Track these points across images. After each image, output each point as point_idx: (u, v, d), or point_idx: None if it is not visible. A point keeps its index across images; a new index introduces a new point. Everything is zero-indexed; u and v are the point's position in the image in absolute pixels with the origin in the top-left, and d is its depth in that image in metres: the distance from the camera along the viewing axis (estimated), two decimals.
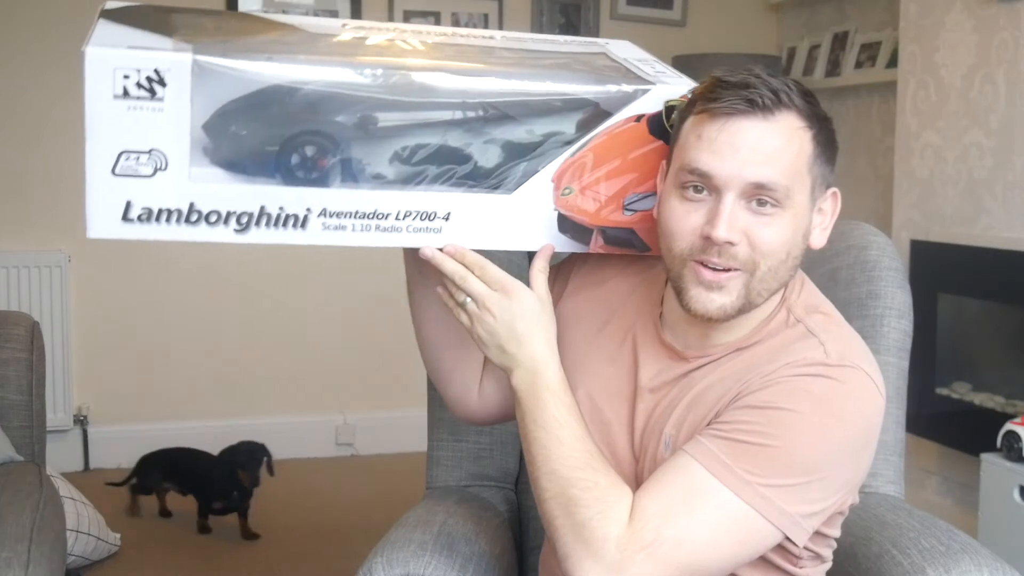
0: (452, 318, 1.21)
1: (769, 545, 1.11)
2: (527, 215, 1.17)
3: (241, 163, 1.04)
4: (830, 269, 1.60)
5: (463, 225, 1.15)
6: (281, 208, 1.07)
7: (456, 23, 4.04)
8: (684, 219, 1.11)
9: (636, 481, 1.18)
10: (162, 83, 0.99)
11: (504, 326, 1.16)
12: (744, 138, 1.08)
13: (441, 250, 1.16)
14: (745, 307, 1.12)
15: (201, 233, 1.05)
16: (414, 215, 1.12)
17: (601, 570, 1.05)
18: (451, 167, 1.11)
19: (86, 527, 2.75)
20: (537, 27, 4.13)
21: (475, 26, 4.05)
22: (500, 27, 4.06)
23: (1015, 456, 2.44)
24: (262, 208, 1.06)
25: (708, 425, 1.12)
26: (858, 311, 1.55)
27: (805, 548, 1.17)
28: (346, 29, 1.19)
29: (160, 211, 1.04)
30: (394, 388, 3.85)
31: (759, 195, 1.08)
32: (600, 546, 1.06)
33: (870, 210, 3.64)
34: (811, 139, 1.11)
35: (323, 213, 1.08)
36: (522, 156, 1.14)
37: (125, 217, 1.03)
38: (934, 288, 3.05)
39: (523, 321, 1.16)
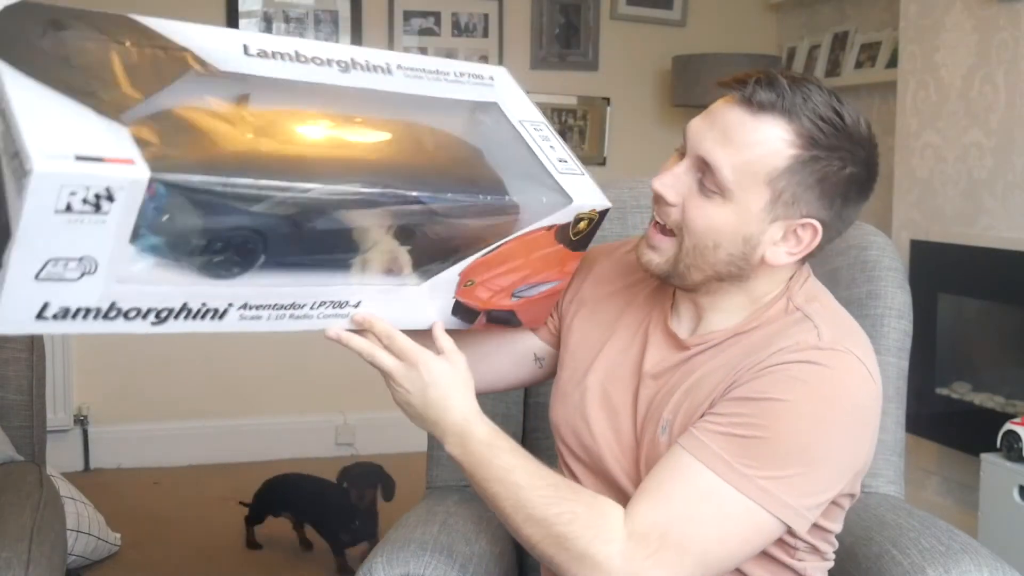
0: None
1: (773, 537, 1.12)
2: (429, 302, 1.20)
3: (170, 258, 0.99)
4: (830, 269, 1.60)
5: (370, 310, 1.16)
6: (203, 304, 1.04)
7: (456, 23, 4.04)
8: (659, 172, 1.17)
9: (638, 465, 1.19)
10: (110, 199, 0.91)
11: (418, 397, 1.15)
12: (725, 119, 1.10)
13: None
14: (673, 275, 1.16)
15: (116, 326, 1.01)
16: (327, 304, 1.12)
17: None
18: (377, 259, 1.12)
19: (86, 527, 2.75)
20: (537, 27, 4.13)
21: (475, 26, 4.05)
22: (500, 27, 4.06)
23: (1015, 456, 2.44)
24: (184, 304, 1.03)
25: (703, 416, 1.12)
26: (858, 311, 1.55)
27: (804, 541, 1.17)
28: (249, 59, 1.12)
29: (78, 310, 0.98)
30: None
31: (706, 173, 1.11)
32: (607, 565, 1.06)
33: (870, 210, 3.62)
34: (790, 156, 1.09)
35: (243, 307, 1.07)
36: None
37: (40, 316, 0.96)
38: (934, 288, 3.05)
39: (435, 388, 1.14)
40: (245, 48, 1.11)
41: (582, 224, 1.22)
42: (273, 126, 1.08)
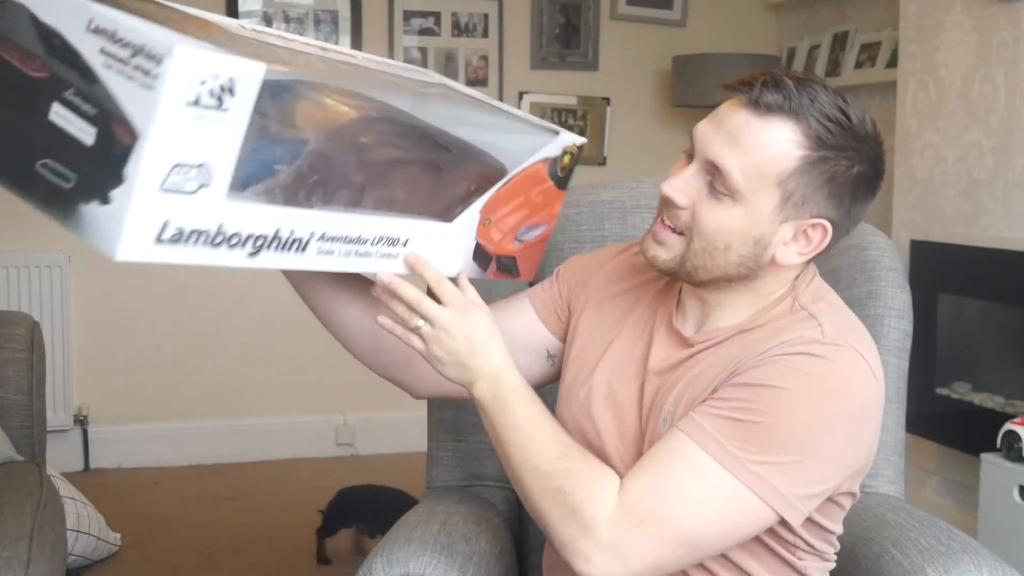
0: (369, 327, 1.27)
1: (764, 525, 1.12)
2: (458, 242, 1.23)
3: (265, 183, 1.00)
4: (830, 269, 1.60)
5: (415, 250, 1.19)
6: (292, 232, 1.05)
7: (456, 23, 4.04)
8: (668, 177, 1.17)
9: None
10: (231, 92, 0.91)
11: (464, 343, 1.17)
12: (731, 118, 1.11)
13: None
14: (680, 272, 1.17)
15: (219, 256, 1.01)
16: (384, 241, 1.14)
17: (597, 551, 1.07)
18: (411, 196, 1.15)
19: (86, 527, 2.75)
20: (537, 27, 4.13)
21: (475, 27, 4.05)
22: (500, 27, 4.07)
23: (1015, 456, 2.44)
24: (276, 231, 1.04)
25: (703, 402, 1.13)
26: (858, 311, 1.55)
27: (803, 539, 1.18)
28: (259, 33, 1.15)
29: (191, 232, 0.97)
30: (394, 388, 3.84)
31: (715, 176, 1.11)
32: (592, 527, 1.07)
33: (870, 210, 3.62)
34: (799, 157, 1.10)
35: (322, 238, 1.08)
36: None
37: (158, 239, 0.94)
38: (934, 288, 3.05)
39: (479, 335, 1.17)
40: (241, 26, 1.14)
41: (566, 159, 1.29)
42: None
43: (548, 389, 1.35)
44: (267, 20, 3.86)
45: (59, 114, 0.92)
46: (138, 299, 3.74)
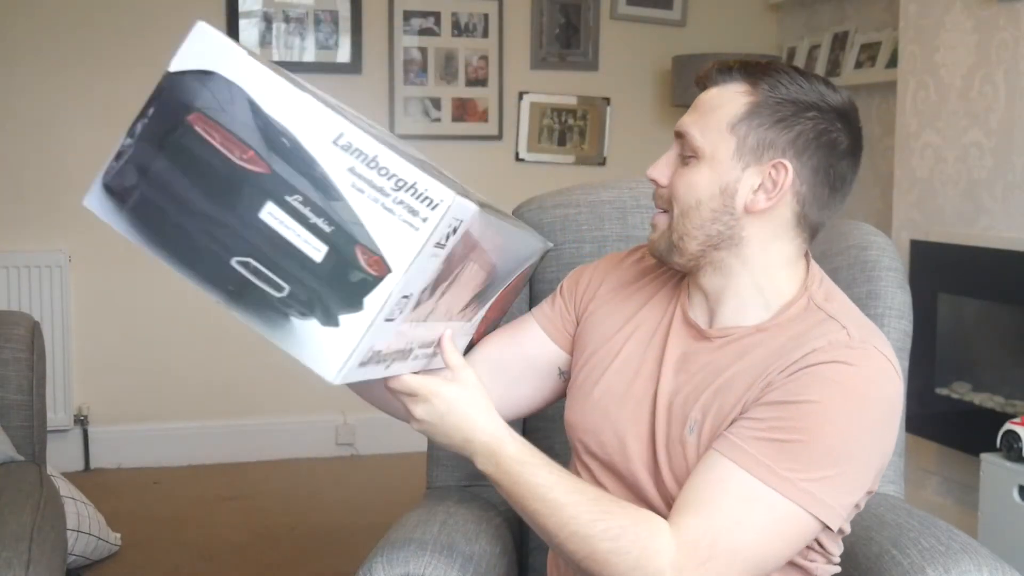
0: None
1: (811, 537, 1.14)
2: (465, 340, 1.25)
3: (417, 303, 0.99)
4: (830, 269, 1.60)
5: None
6: (422, 344, 1.07)
7: (456, 23, 4.04)
8: None
9: (651, 462, 1.20)
10: (455, 233, 0.91)
11: (440, 428, 1.15)
12: (698, 99, 1.21)
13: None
14: (673, 250, 1.21)
15: (399, 368, 1.01)
16: (430, 344, 1.13)
17: None
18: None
19: (86, 527, 2.75)
20: (537, 27, 4.13)
21: (475, 27, 4.06)
22: (500, 27, 4.07)
23: (1015, 456, 2.44)
24: (408, 344, 1.03)
25: (736, 421, 1.13)
26: None
27: (819, 542, 1.19)
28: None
29: (387, 354, 0.96)
30: None
31: (683, 145, 1.19)
32: None
33: (870, 210, 3.64)
34: (747, 103, 1.16)
35: (422, 344, 1.08)
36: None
37: (362, 363, 0.93)
38: (934, 288, 3.05)
39: (453, 415, 1.14)
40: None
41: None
42: None
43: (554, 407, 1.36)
44: (267, 20, 3.86)
45: (275, 216, 0.88)
46: (138, 299, 3.74)
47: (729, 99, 1.17)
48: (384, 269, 0.87)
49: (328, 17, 3.92)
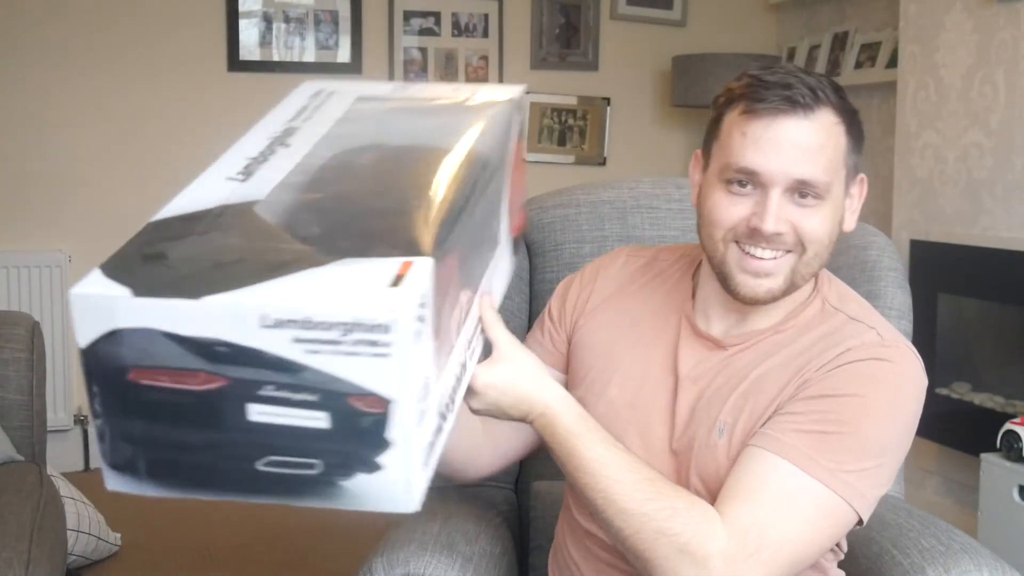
0: None
1: (847, 530, 1.15)
2: (505, 253, 1.18)
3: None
4: (830, 269, 1.60)
5: (495, 292, 1.15)
6: (450, 380, 1.01)
7: (456, 23, 4.04)
8: (729, 210, 1.15)
9: (675, 473, 1.19)
10: (423, 305, 0.87)
11: (499, 412, 1.13)
12: (787, 136, 1.12)
13: None
14: (789, 289, 1.17)
15: (443, 439, 0.98)
16: (477, 326, 1.10)
17: None
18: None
19: (86, 527, 2.75)
20: (537, 27, 4.13)
21: (475, 27, 4.05)
22: (500, 27, 4.07)
23: (1015, 456, 2.44)
24: (456, 383, 1.02)
25: (772, 419, 1.14)
26: None
27: None
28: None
29: (432, 442, 0.93)
30: None
31: (802, 189, 1.13)
32: (706, 564, 1.06)
33: (870, 210, 3.64)
34: (844, 133, 1.15)
35: (462, 367, 1.05)
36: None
37: (426, 464, 0.91)
38: (934, 288, 3.05)
39: (506, 398, 1.12)
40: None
41: (524, 117, 1.20)
42: None
43: None
44: (267, 20, 3.86)
45: (263, 412, 0.87)
46: None
47: (833, 135, 1.13)
48: (384, 404, 0.85)
49: (328, 17, 3.92)
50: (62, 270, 3.62)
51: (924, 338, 2.59)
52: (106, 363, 0.88)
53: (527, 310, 1.74)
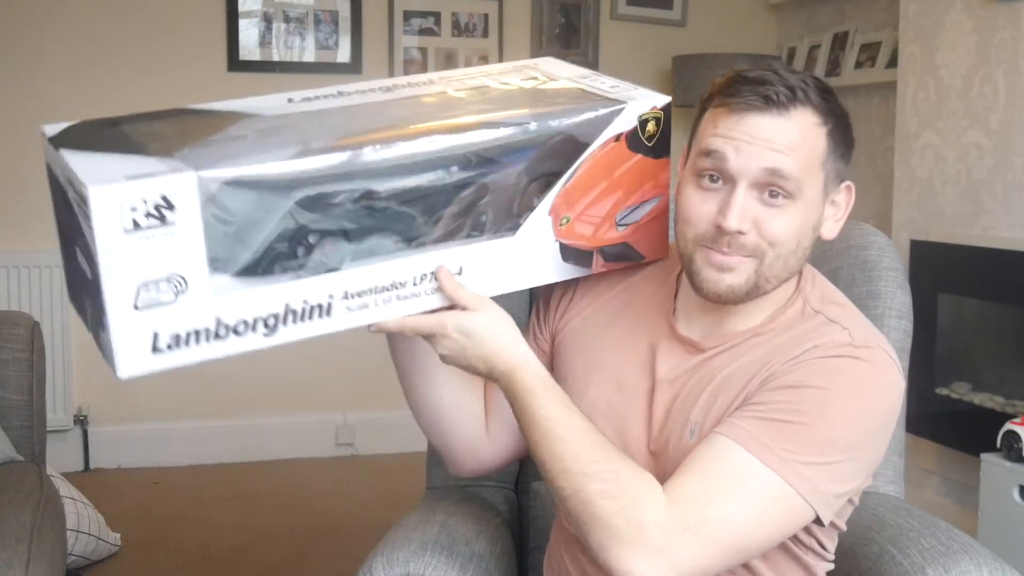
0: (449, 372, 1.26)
1: (802, 524, 1.13)
2: (532, 252, 1.20)
3: (256, 267, 1.02)
4: (830, 269, 1.60)
5: (476, 275, 1.16)
6: (305, 301, 1.06)
7: (456, 23, 4.04)
8: (699, 207, 1.14)
9: (654, 475, 1.17)
10: (170, 207, 0.96)
11: (462, 360, 1.16)
12: (759, 131, 1.10)
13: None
14: (753, 291, 1.15)
15: (232, 345, 1.05)
16: (428, 277, 1.13)
17: (645, 555, 1.04)
18: (459, 221, 1.13)
19: (86, 527, 2.75)
20: (537, 27, 4.13)
21: (475, 27, 4.05)
22: (500, 27, 4.07)
23: (1015, 456, 2.44)
24: (287, 306, 1.06)
25: (738, 408, 1.13)
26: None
27: (816, 539, 1.19)
28: (293, 104, 1.18)
29: (188, 334, 1.02)
30: (394, 388, 3.83)
31: (772, 184, 1.11)
32: (640, 533, 1.05)
33: (870, 210, 3.64)
34: (826, 135, 1.13)
35: (345, 296, 1.08)
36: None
37: (154, 349, 1.01)
38: (934, 288, 3.05)
39: (472, 347, 1.15)
40: (289, 100, 1.17)
41: (650, 127, 1.22)
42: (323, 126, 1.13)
43: None
44: (267, 20, 3.86)
45: (77, 255, 1.03)
46: None
47: (811, 135, 1.12)
48: (95, 270, 0.97)
49: (328, 17, 3.92)
50: (62, 270, 3.61)
51: (924, 338, 2.59)
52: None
53: (527, 310, 1.74)
